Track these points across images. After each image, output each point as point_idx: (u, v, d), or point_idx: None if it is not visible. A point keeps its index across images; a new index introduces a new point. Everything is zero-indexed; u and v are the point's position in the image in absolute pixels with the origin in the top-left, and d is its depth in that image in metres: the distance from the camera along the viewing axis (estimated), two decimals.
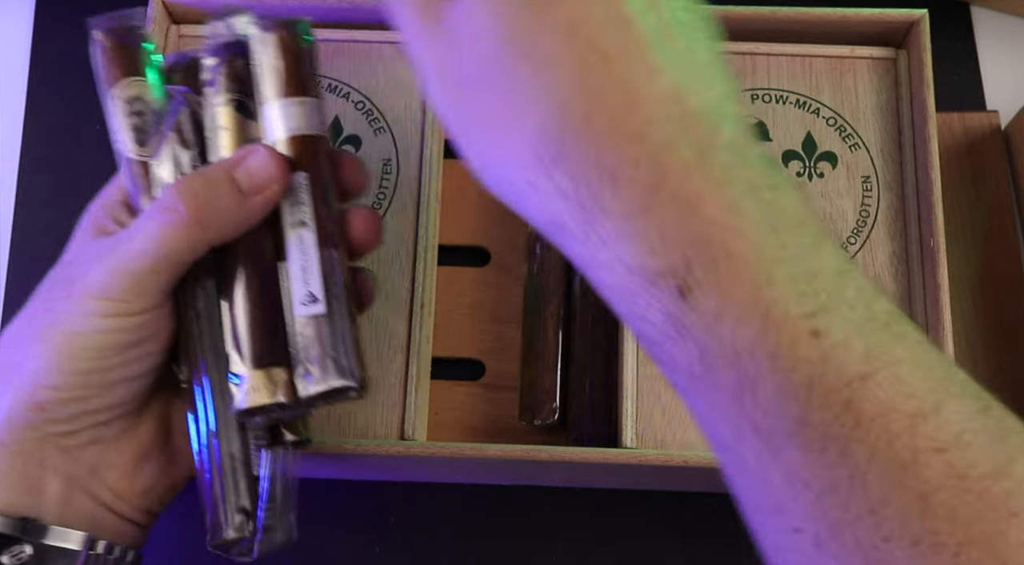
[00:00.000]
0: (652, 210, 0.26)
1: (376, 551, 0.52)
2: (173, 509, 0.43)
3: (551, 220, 0.28)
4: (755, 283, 0.26)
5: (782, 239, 0.26)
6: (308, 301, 0.38)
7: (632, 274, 0.27)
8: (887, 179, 0.51)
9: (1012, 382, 0.54)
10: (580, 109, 0.27)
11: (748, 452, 0.27)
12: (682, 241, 0.26)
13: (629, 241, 0.26)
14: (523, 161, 0.28)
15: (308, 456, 0.46)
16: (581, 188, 0.27)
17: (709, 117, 0.27)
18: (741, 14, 0.52)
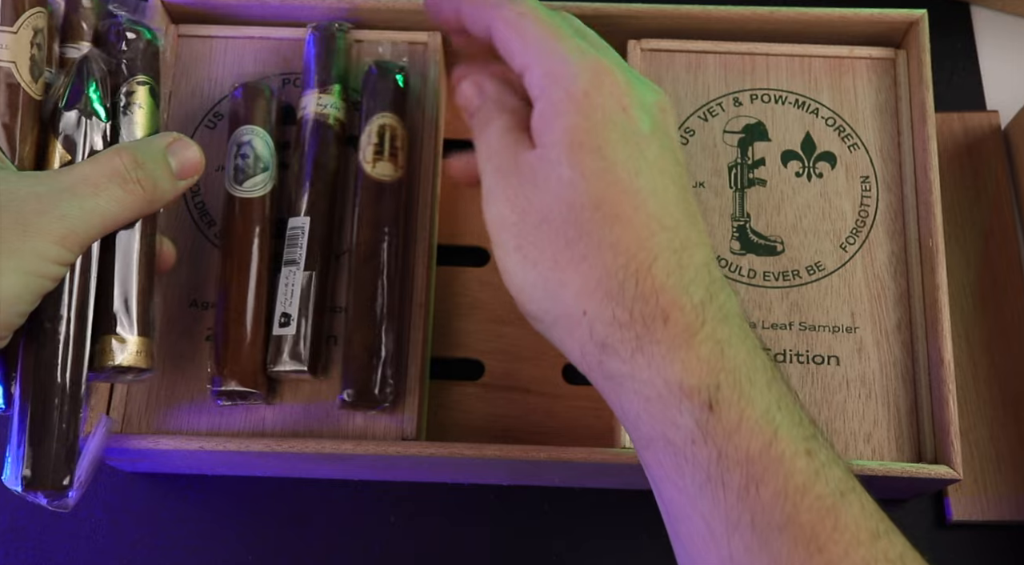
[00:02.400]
0: (694, 344, 0.34)
1: (376, 551, 0.53)
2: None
3: (599, 342, 0.35)
4: (767, 407, 0.34)
5: (779, 387, 0.35)
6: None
7: (670, 388, 0.34)
8: (886, 179, 0.51)
9: (1011, 382, 0.54)
10: (643, 262, 0.35)
11: (739, 543, 0.33)
12: (716, 367, 0.34)
13: (673, 364, 0.34)
14: (583, 291, 0.35)
15: (308, 456, 0.46)
16: (637, 321, 0.34)
17: (722, 283, 0.36)
18: (741, 14, 0.52)
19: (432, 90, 0.53)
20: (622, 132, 0.36)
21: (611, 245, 0.35)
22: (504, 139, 0.38)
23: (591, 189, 0.35)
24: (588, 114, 0.36)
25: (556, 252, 0.36)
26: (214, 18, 0.54)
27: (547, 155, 0.36)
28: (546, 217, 0.36)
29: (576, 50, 0.37)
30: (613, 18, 0.53)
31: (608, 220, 0.35)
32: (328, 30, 0.51)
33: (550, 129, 0.36)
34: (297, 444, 0.46)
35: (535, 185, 0.36)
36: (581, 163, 0.35)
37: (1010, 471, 0.52)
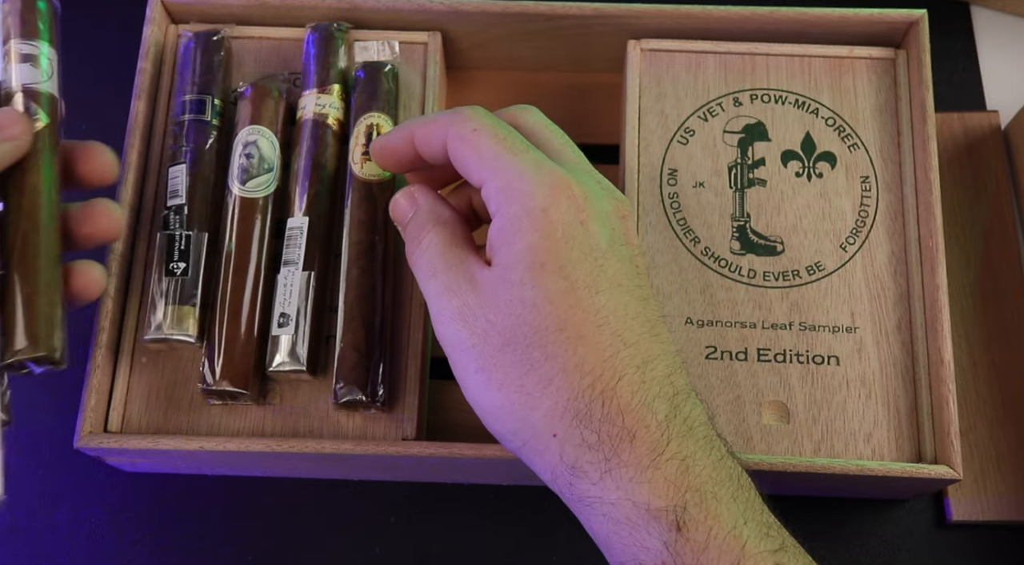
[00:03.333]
0: (660, 464, 0.34)
1: (376, 551, 0.53)
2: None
3: (569, 465, 0.35)
4: (735, 523, 0.34)
5: (746, 495, 0.35)
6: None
7: (639, 510, 0.34)
8: (886, 179, 0.51)
9: (1011, 382, 0.54)
10: (608, 382, 0.35)
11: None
12: (682, 487, 0.34)
13: (641, 486, 0.34)
14: (552, 414, 0.35)
15: (308, 456, 0.46)
16: (605, 443, 0.34)
17: (686, 393, 0.36)
18: (741, 14, 0.52)
19: (432, 90, 0.53)
20: (581, 249, 0.36)
21: (576, 366, 0.35)
22: (447, 255, 0.38)
23: (555, 311, 0.35)
24: (548, 232, 0.36)
25: (522, 375, 0.36)
26: (214, 18, 0.54)
27: (507, 275, 0.36)
28: (509, 340, 0.36)
29: (532, 163, 0.37)
30: (613, 18, 0.53)
31: (572, 341, 0.35)
32: (327, 30, 0.52)
33: (509, 247, 0.36)
34: (297, 444, 0.46)
35: (496, 307, 0.36)
36: (544, 284, 0.35)
37: (1010, 471, 0.52)
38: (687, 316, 0.49)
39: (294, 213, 0.48)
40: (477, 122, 0.38)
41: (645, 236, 0.50)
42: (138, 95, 0.51)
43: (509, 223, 0.36)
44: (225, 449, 0.46)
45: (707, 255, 0.50)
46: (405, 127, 0.41)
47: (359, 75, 0.51)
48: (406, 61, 0.53)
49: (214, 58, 0.51)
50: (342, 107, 0.50)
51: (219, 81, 0.51)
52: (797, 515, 0.54)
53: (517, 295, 0.36)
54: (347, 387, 0.46)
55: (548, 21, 0.54)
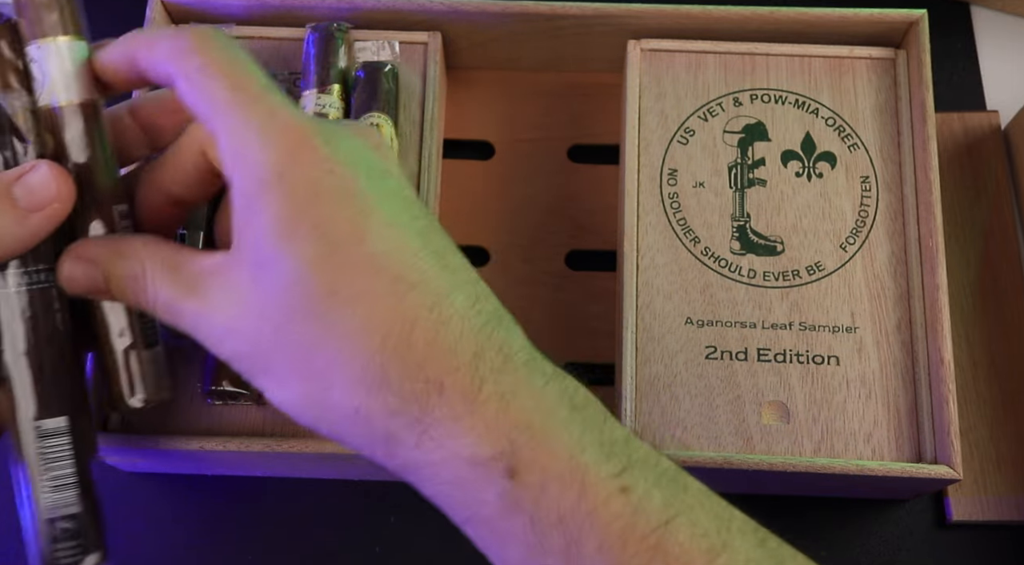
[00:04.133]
0: (476, 408, 0.31)
1: (376, 551, 0.52)
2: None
3: (382, 436, 0.31)
4: (571, 453, 0.30)
5: (582, 416, 0.31)
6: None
7: (464, 465, 0.31)
8: (886, 179, 0.51)
9: (1011, 382, 0.54)
10: (399, 334, 0.31)
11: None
12: (505, 428, 0.30)
13: (461, 437, 0.31)
14: (348, 389, 0.31)
15: (308, 456, 0.46)
16: (411, 403, 0.31)
17: (497, 321, 0.32)
18: (741, 14, 0.52)
19: (432, 90, 0.53)
20: (335, 199, 0.31)
21: (360, 328, 0.31)
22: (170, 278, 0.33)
23: (321, 277, 0.31)
24: (291, 195, 0.31)
25: (306, 359, 0.31)
26: (214, 18, 0.54)
27: (256, 257, 0.31)
28: (280, 326, 0.31)
29: (266, 115, 0.32)
30: (613, 18, 0.53)
31: (349, 302, 0.31)
32: (327, 30, 0.52)
33: (250, 227, 0.32)
34: (297, 444, 0.46)
35: (258, 295, 0.31)
36: (301, 252, 0.31)
37: (1010, 471, 0.52)
38: (687, 316, 0.49)
39: None
40: (205, 56, 0.33)
41: (645, 236, 0.50)
42: None
43: (245, 199, 0.32)
44: (225, 449, 0.46)
45: (707, 255, 0.50)
46: (127, 45, 0.35)
47: (359, 75, 0.51)
48: (406, 61, 0.53)
49: None
50: (342, 107, 0.50)
51: None
52: (797, 515, 0.54)
53: (274, 273, 0.31)
54: None
55: (548, 21, 0.54)
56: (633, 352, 0.48)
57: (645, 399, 0.47)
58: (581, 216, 0.57)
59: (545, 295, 0.55)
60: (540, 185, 0.57)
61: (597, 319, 0.54)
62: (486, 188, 0.57)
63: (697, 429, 0.47)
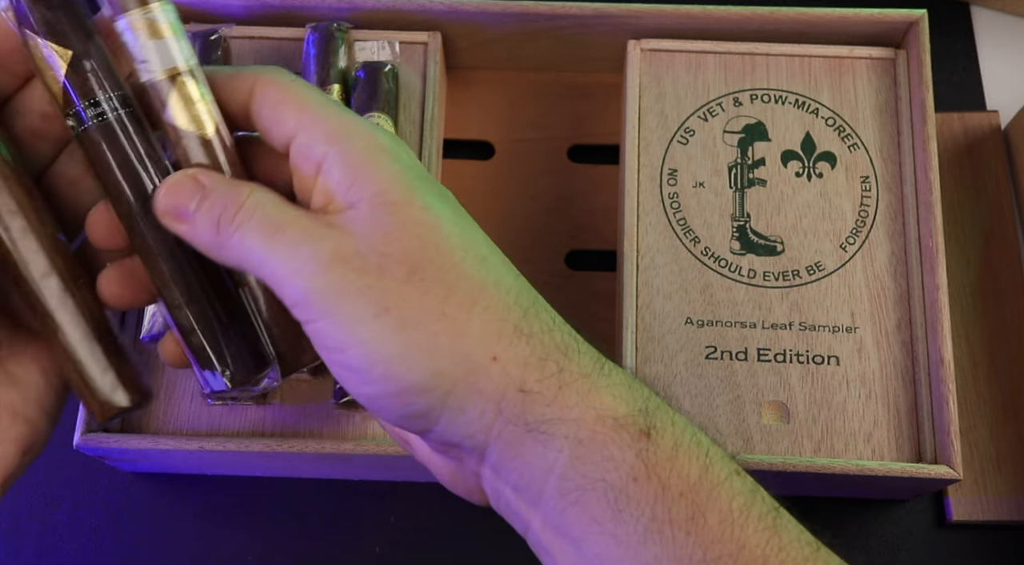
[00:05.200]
0: (608, 369, 0.32)
1: (376, 551, 0.53)
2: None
3: (515, 388, 0.31)
4: (693, 431, 0.32)
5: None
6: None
7: (604, 422, 0.31)
8: (886, 179, 0.51)
9: (1011, 382, 0.54)
10: (530, 294, 0.33)
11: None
12: (641, 394, 0.32)
13: (601, 394, 0.31)
14: (487, 333, 0.31)
15: (308, 456, 0.46)
16: (551, 356, 0.31)
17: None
18: (741, 14, 0.52)
19: (432, 90, 0.53)
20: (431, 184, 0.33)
21: (496, 281, 0.32)
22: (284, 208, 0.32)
23: (453, 231, 0.32)
24: (401, 158, 0.32)
25: (441, 301, 0.31)
26: (214, 18, 0.54)
27: (388, 199, 0.31)
28: (415, 267, 0.31)
29: (354, 114, 0.33)
30: (613, 18, 0.53)
31: (481, 259, 0.32)
32: (327, 30, 0.52)
33: (374, 176, 0.31)
34: (297, 444, 0.46)
35: (386, 235, 0.31)
36: (433, 205, 0.31)
37: (1010, 471, 0.52)
38: (687, 316, 0.49)
39: None
40: (292, 75, 0.34)
41: (645, 236, 0.50)
42: None
43: (361, 157, 0.32)
44: (225, 449, 0.46)
45: (707, 255, 0.50)
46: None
47: (359, 75, 0.51)
48: (406, 61, 0.53)
49: (212, 58, 0.51)
50: None
51: None
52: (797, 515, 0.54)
53: (410, 216, 0.31)
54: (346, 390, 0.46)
55: (548, 21, 0.54)
56: (633, 352, 0.48)
57: None
58: (581, 216, 0.57)
59: (545, 295, 0.55)
60: (540, 185, 0.57)
61: (597, 319, 0.54)
62: (486, 188, 0.57)
63: None
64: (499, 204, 0.57)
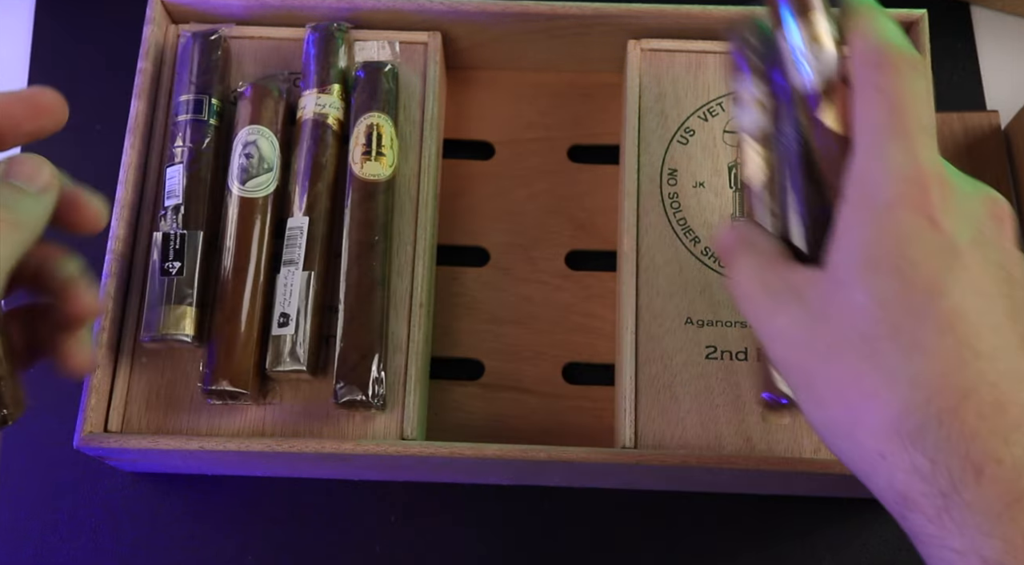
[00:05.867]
0: (1017, 514, 0.28)
1: (376, 551, 0.52)
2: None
3: (900, 492, 0.30)
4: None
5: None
6: None
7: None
8: None
9: None
10: (947, 400, 0.29)
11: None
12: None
13: (991, 540, 0.28)
14: (878, 432, 0.30)
15: (308, 456, 0.46)
16: (941, 474, 0.29)
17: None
18: (741, 14, 0.52)
19: (432, 90, 0.53)
20: (927, 248, 0.31)
21: (909, 378, 0.30)
22: (764, 274, 0.35)
23: (886, 316, 0.31)
24: (887, 229, 0.31)
25: (845, 388, 0.31)
26: (214, 18, 0.54)
27: (835, 276, 0.32)
28: (834, 351, 0.32)
29: (903, 152, 0.32)
30: (613, 18, 0.53)
31: (906, 350, 0.30)
32: (327, 30, 0.52)
33: (842, 243, 0.32)
34: (297, 444, 0.46)
35: (822, 314, 0.32)
36: (875, 286, 0.31)
37: None
38: (687, 316, 0.49)
39: (294, 213, 0.48)
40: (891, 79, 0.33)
41: (645, 236, 0.50)
42: (138, 95, 0.51)
43: (848, 214, 0.32)
44: (225, 449, 0.46)
45: (707, 255, 0.50)
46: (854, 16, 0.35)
47: (359, 75, 0.51)
48: (406, 61, 0.53)
49: (212, 57, 0.51)
50: (342, 107, 0.51)
51: (216, 81, 0.51)
52: (797, 515, 0.54)
53: (844, 298, 0.32)
54: (347, 387, 0.46)
55: (548, 21, 0.54)
56: (633, 352, 0.48)
57: (645, 399, 0.47)
58: (581, 216, 0.57)
59: (545, 295, 0.55)
60: (540, 185, 0.57)
61: (597, 319, 0.54)
62: (486, 188, 0.57)
63: (697, 429, 0.47)
64: (499, 204, 0.57)
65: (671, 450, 0.46)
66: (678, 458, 0.45)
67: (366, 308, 0.47)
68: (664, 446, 0.47)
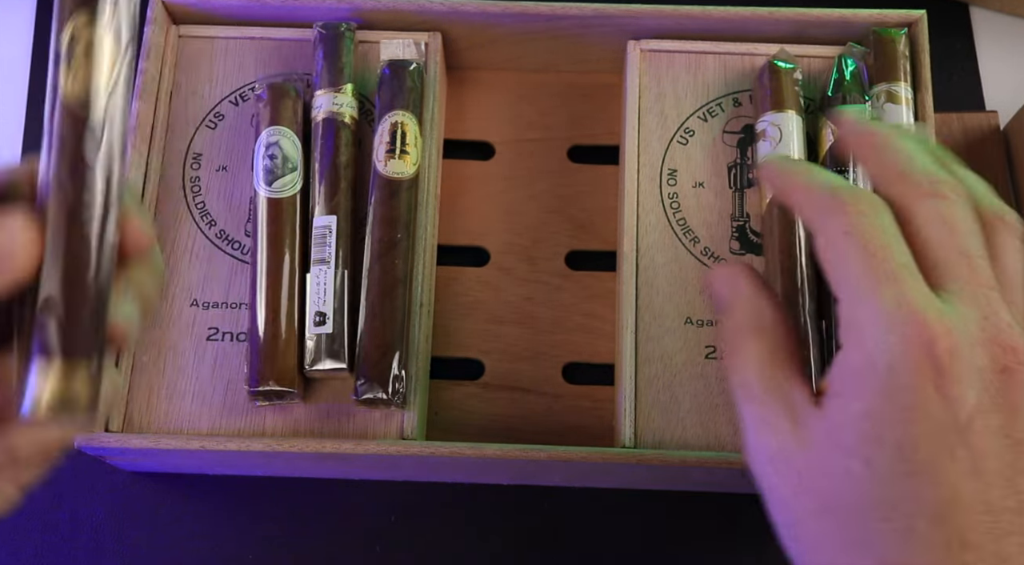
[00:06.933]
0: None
1: (376, 551, 0.53)
2: None
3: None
4: None
5: None
6: None
7: None
8: None
9: None
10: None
11: None
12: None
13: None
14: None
15: (308, 456, 0.46)
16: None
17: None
18: (741, 14, 0.52)
19: (432, 90, 0.53)
20: (931, 423, 0.30)
21: (899, 562, 0.30)
22: (767, 377, 0.33)
23: (884, 495, 0.30)
24: (891, 398, 0.30)
25: (835, 551, 0.31)
26: (215, 18, 0.54)
27: (837, 437, 0.31)
28: (826, 509, 0.31)
29: (892, 301, 0.30)
30: (613, 18, 0.53)
31: (899, 535, 0.29)
32: (336, 29, 0.52)
33: (844, 403, 0.31)
34: (297, 444, 0.46)
35: (819, 467, 0.31)
36: (877, 463, 0.30)
37: None
38: (687, 316, 0.49)
39: (322, 212, 0.48)
40: (854, 220, 0.32)
41: (645, 236, 0.50)
42: (139, 96, 0.51)
43: (849, 372, 0.31)
44: (225, 449, 0.46)
45: (707, 255, 0.50)
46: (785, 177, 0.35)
47: (384, 73, 0.51)
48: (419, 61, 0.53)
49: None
50: (356, 106, 0.51)
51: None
52: None
53: (843, 465, 0.30)
54: (368, 384, 0.46)
55: (548, 21, 0.54)
56: (633, 352, 0.48)
57: (645, 399, 0.47)
58: (581, 216, 0.57)
59: (545, 295, 0.55)
60: (540, 185, 0.57)
61: (597, 319, 0.54)
62: (486, 188, 0.57)
63: (697, 429, 0.47)
64: (499, 204, 0.57)
65: (671, 450, 0.47)
66: (678, 458, 0.45)
67: (388, 305, 0.47)
68: (664, 446, 0.47)
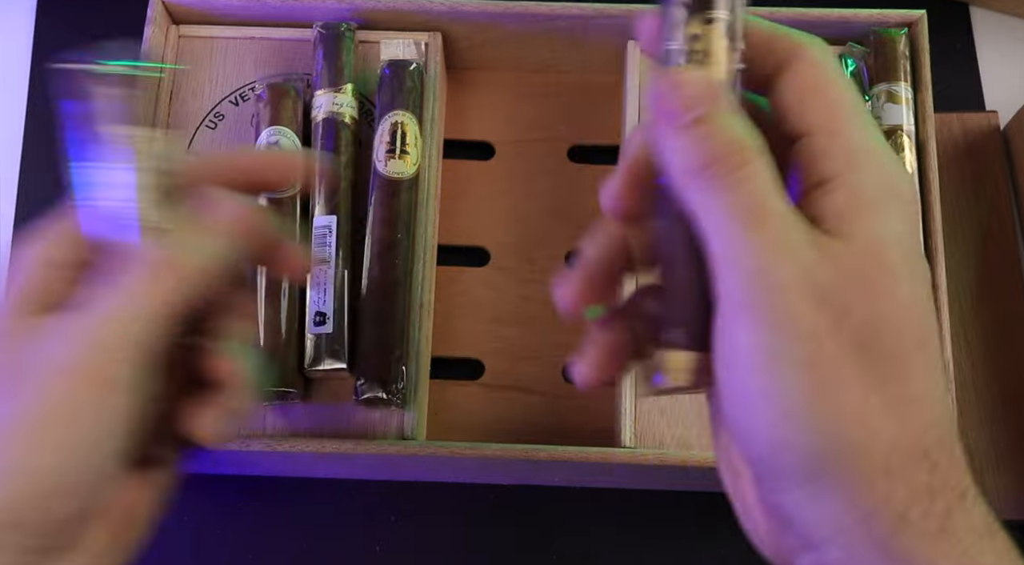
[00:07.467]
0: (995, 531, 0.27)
1: (376, 551, 0.53)
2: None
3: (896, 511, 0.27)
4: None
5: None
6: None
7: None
8: None
9: (1010, 383, 0.54)
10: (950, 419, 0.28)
11: None
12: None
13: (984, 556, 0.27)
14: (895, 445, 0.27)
15: (308, 455, 0.47)
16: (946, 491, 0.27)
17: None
18: None
19: (432, 90, 0.53)
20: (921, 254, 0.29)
21: (931, 391, 0.28)
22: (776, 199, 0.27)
23: (924, 322, 0.28)
24: (916, 223, 0.29)
25: (868, 391, 0.27)
26: (215, 19, 0.54)
27: (880, 255, 0.27)
28: (868, 342, 0.27)
29: (879, 134, 0.29)
30: (613, 18, 0.53)
31: (932, 364, 0.28)
32: (337, 29, 0.52)
33: (878, 221, 0.28)
34: (297, 444, 0.46)
35: (863, 292, 0.27)
36: (921, 286, 0.28)
37: (1008, 470, 0.53)
38: None
39: (317, 212, 0.48)
40: (835, 62, 0.30)
41: None
42: None
43: (873, 193, 0.28)
44: (225, 449, 0.46)
45: None
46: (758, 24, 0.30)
47: (385, 73, 0.51)
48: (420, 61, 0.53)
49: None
50: (357, 106, 0.51)
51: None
52: None
53: (890, 286, 0.27)
54: (368, 384, 0.46)
55: (548, 21, 0.54)
56: None
57: (645, 399, 0.47)
58: (581, 216, 0.57)
59: (545, 295, 0.55)
60: (540, 185, 0.57)
61: None
62: (486, 188, 0.57)
63: (697, 429, 0.47)
64: (499, 204, 0.57)
65: (669, 450, 0.47)
66: (676, 458, 0.45)
67: (388, 305, 0.47)
68: (662, 446, 0.47)
